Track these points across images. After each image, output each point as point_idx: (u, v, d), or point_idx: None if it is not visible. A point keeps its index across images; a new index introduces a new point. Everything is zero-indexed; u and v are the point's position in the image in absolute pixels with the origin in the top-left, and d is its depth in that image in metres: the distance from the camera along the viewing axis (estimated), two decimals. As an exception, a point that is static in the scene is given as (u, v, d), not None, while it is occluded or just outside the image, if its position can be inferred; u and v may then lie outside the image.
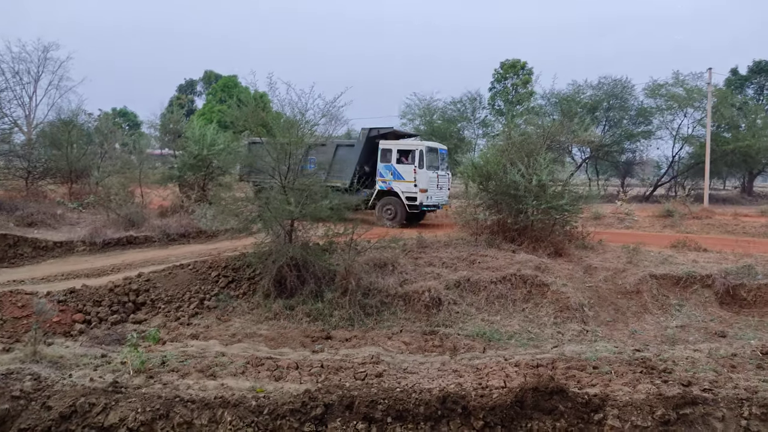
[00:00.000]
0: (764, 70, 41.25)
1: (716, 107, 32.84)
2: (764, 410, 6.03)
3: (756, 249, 13.34)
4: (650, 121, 36.48)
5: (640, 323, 8.93)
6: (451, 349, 7.57)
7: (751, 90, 42.33)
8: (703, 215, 21.81)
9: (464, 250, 11.04)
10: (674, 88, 34.80)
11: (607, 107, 35.90)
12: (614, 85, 35.83)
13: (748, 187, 42.79)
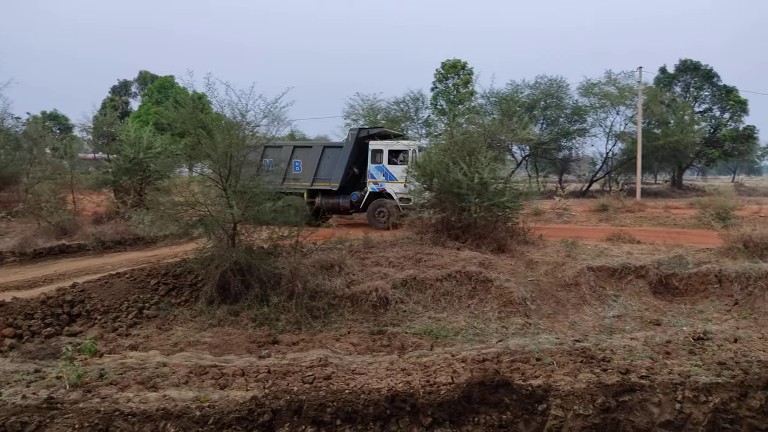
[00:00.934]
0: (690, 68, 43.61)
1: (647, 105, 34.49)
2: (696, 393, 6.38)
3: (686, 240, 14.10)
4: (585, 119, 38.00)
5: (579, 314, 9.26)
6: (400, 348, 7.62)
7: (679, 87, 44.67)
8: (636, 208, 22.84)
9: (410, 249, 11.14)
10: (607, 87, 36.35)
11: (545, 106, 37.10)
12: (550, 85, 37.09)
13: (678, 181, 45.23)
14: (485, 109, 34.96)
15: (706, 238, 13.95)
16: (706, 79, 43.25)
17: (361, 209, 17.94)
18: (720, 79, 42.95)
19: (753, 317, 8.83)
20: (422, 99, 37.58)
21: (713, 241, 12.75)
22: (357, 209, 18.38)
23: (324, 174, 17.61)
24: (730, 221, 15.18)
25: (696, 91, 44.05)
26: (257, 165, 10.49)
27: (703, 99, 44.12)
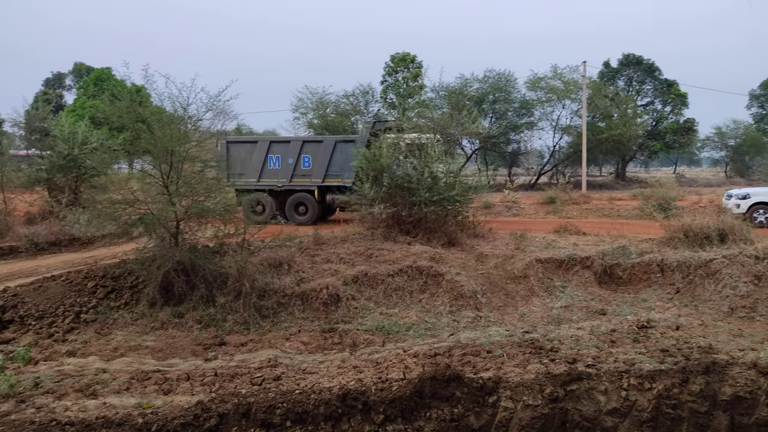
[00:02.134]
0: (632, 62, 45.30)
1: (591, 99, 35.66)
2: (640, 380, 6.64)
3: (629, 230, 14.65)
4: (532, 112, 38.94)
5: (528, 306, 9.48)
6: (351, 345, 7.60)
7: (622, 81, 46.34)
8: (581, 201, 23.60)
9: (361, 245, 11.13)
10: (553, 81, 37.34)
11: (493, 100, 37.76)
12: (499, 78, 37.75)
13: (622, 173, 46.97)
14: (435, 102, 35.28)
15: (648, 229, 14.54)
16: (648, 73, 45.04)
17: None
18: (661, 73, 44.87)
19: (693, 305, 9.25)
20: (372, 92, 37.58)
21: (655, 231, 13.30)
22: None
23: (336, 170, 17.29)
24: (672, 212, 15.89)
25: (638, 85, 45.83)
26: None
27: (645, 93, 45.99)
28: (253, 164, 17.57)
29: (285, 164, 17.37)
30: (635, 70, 45.28)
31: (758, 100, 54.61)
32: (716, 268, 9.59)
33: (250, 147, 17.93)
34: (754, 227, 13.68)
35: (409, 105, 34.14)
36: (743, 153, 50.74)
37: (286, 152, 17.40)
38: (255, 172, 17.55)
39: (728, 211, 15.18)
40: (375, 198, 12.02)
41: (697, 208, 18.13)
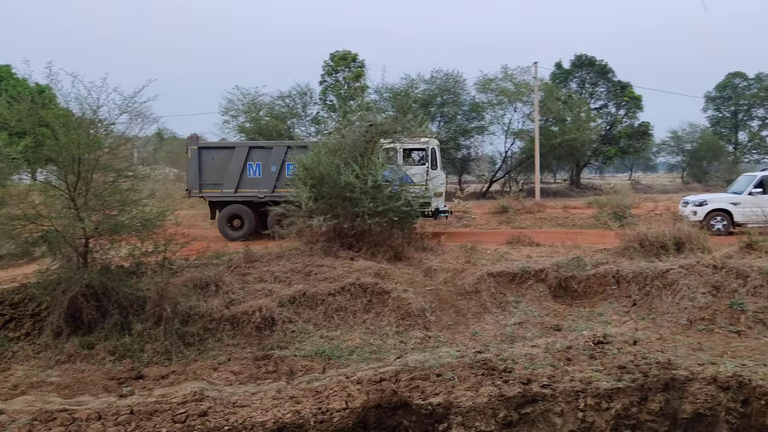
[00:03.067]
0: (585, 64, 47.08)
1: (543, 101, 36.77)
2: (597, 400, 6.84)
3: (584, 240, 15.14)
4: (483, 116, 39.78)
5: (480, 324, 9.62)
6: (288, 374, 7.51)
7: (575, 83, 48.06)
8: (535, 209, 24.24)
9: (299, 261, 11.03)
10: (504, 83, 38.32)
11: (441, 102, 38.39)
12: (447, 80, 38.43)
13: (576, 180, 48.60)
14: (379, 105, 35.54)
15: (603, 238, 15.07)
16: (600, 75, 46.90)
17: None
18: (615, 75, 46.80)
19: (651, 317, 9.62)
20: (310, 94, 37.48)
21: (610, 240, 13.79)
22: None
23: None
24: (627, 220, 16.54)
25: (591, 87, 47.65)
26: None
27: (598, 95, 47.83)
28: (230, 173, 17.16)
29: (267, 172, 17.04)
30: (588, 72, 47.07)
31: (714, 103, 57.72)
32: (673, 278, 10.02)
33: (226, 154, 17.46)
34: (711, 235, 14.39)
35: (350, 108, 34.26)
36: (700, 158, 53.39)
37: (269, 159, 17.07)
38: (232, 182, 17.14)
39: (685, 219, 15.96)
40: (314, 209, 11.95)
41: (653, 215, 18.95)
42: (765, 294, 9.41)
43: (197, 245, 10.00)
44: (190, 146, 17.46)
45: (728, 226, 16.62)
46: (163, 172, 21.81)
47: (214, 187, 17.38)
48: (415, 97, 35.49)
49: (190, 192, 17.42)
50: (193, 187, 17.32)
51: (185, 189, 17.66)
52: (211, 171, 17.28)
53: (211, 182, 17.36)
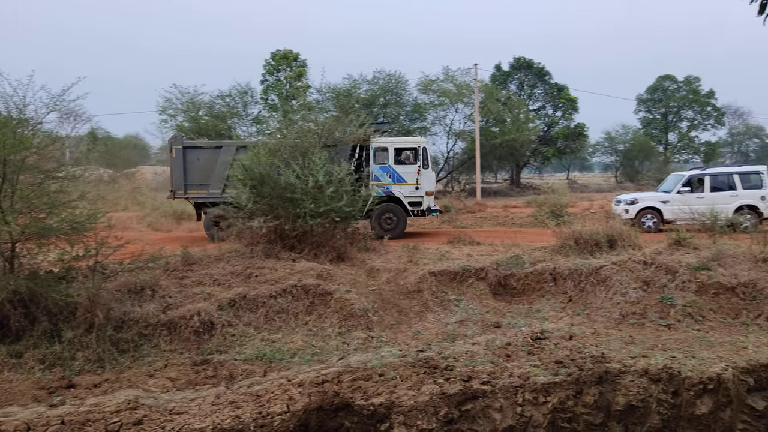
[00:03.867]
0: (523, 66, 48.31)
1: (484, 102, 37.48)
2: (535, 395, 7.02)
3: (523, 239, 15.51)
4: (425, 116, 40.20)
5: (422, 323, 9.71)
6: (228, 378, 7.38)
7: (514, 85, 49.26)
8: (476, 209, 24.70)
9: (239, 264, 10.84)
10: (445, 84, 38.83)
11: (384, 103, 38.54)
12: (389, 80, 38.61)
13: (516, 179, 49.75)
14: (322, 105, 35.40)
15: (541, 237, 15.47)
16: (538, 77, 48.24)
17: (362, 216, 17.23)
18: (551, 77, 48.22)
19: (586, 313, 9.94)
20: (251, 93, 36.96)
21: (548, 239, 14.16)
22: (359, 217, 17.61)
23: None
24: (563, 219, 17.03)
25: (530, 89, 48.96)
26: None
27: (536, 97, 49.24)
28: (217, 173, 16.65)
29: None
30: (526, 74, 48.31)
31: (645, 105, 60.20)
32: (606, 274, 10.39)
33: (213, 153, 16.95)
34: (642, 232, 15.00)
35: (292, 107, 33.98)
36: (632, 158, 55.67)
37: None
38: (219, 182, 16.60)
39: (617, 217, 16.57)
40: (254, 210, 11.78)
41: (588, 214, 19.58)
42: (692, 288, 9.86)
43: (132, 248, 9.69)
44: (174, 146, 17.00)
45: (658, 223, 17.34)
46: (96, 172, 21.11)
47: (199, 188, 16.94)
48: (357, 98, 35.52)
49: (175, 193, 16.89)
50: (178, 188, 16.83)
51: (169, 190, 17.10)
52: (197, 171, 16.85)
53: (196, 183, 16.91)
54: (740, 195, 17.04)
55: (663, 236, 12.65)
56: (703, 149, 58.49)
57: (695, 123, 59.10)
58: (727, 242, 11.87)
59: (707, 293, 9.78)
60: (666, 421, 7.29)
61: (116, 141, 46.87)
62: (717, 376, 7.37)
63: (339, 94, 35.46)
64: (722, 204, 15.97)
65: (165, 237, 15.38)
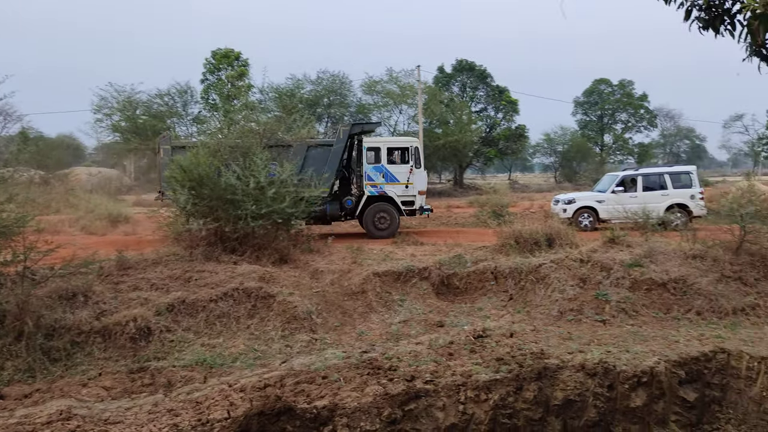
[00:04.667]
0: (466, 68, 49.03)
1: (427, 104, 37.85)
2: (477, 392, 7.13)
3: (465, 239, 15.72)
4: (369, 117, 40.28)
5: (366, 323, 9.72)
6: (166, 385, 7.21)
7: (456, 87, 49.94)
8: (421, 209, 24.78)
9: (177, 267, 10.57)
10: (389, 85, 39.04)
11: (328, 103, 38.45)
12: (333, 80, 38.56)
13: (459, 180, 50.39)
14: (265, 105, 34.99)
15: (483, 236, 15.72)
16: (480, 80, 49.06)
17: (355, 216, 17.40)
18: (493, 80, 49.14)
19: (526, 310, 10.18)
20: (191, 92, 36.22)
21: (489, 238, 14.41)
22: (350, 216, 17.62)
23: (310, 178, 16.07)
24: (504, 218, 17.33)
25: (472, 91, 49.73)
26: None
27: (478, 99, 50.05)
28: None
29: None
30: (468, 76, 49.06)
31: (582, 107, 62.15)
32: (545, 272, 10.66)
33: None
34: (579, 231, 15.46)
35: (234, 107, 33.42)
36: (570, 159, 57.33)
37: None
38: None
39: (556, 216, 17.00)
40: (193, 212, 11.52)
41: (529, 213, 20.02)
42: (626, 285, 10.24)
43: (63, 252, 9.31)
44: (162, 145, 16.43)
45: (594, 222, 17.89)
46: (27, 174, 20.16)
47: None
48: (300, 98, 35.30)
49: (164, 194, 16.15)
50: (166, 189, 16.07)
51: (158, 191, 16.36)
52: None
53: None
54: (671, 194, 17.78)
55: (598, 235, 13.07)
56: (636, 150, 60.88)
57: (629, 125, 61.46)
58: (658, 240, 12.37)
59: (640, 289, 10.17)
60: (602, 414, 7.53)
61: (48, 141, 44.97)
62: (650, 370, 7.68)
63: (282, 94, 35.15)
64: (654, 203, 16.62)
65: (99, 241, 14.78)
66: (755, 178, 37.01)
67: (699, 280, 10.20)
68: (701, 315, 9.67)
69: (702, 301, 9.85)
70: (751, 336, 8.79)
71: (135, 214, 19.99)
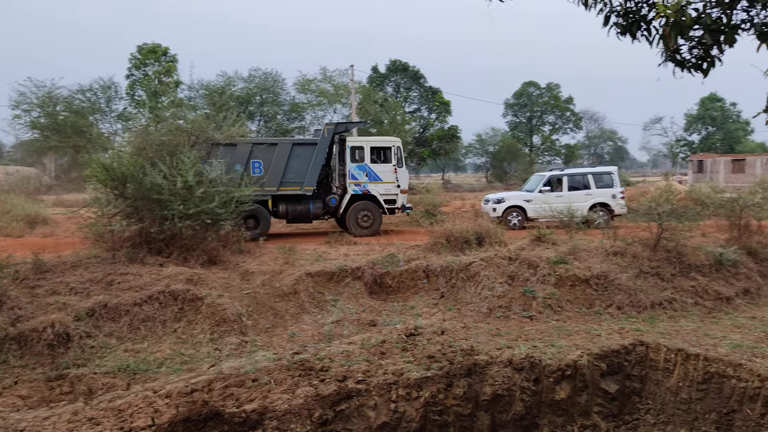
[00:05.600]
0: (399, 69, 49.43)
1: (361, 104, 37.90)
2: (408, 390, 7.19)
3: (398, 238, 15.87)
4: (303, 116, 39.98)
5: (298, 324, 9.64)
6: (86, 393, 6.94)
7: (390, 87, 50.25)
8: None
9: (99, 270, 10.14)
10: (323, 84, 38.82)
11: (261, 101, 37.85)
12: (265, 78, 37.98)
13: (393, 180, 50.65)
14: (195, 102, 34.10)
15: (415, 236, 15.90)
16: (414, 80, 49.58)
17: (339, 215, 17.38)
18: (426, 81, 49.78)
19: (456, 308, 10.34)
20: (115, 88, 34.89)
21: (422, 237, 14.58)
22: (333, 215, 17.61)
23: (293, 177, 16.53)
24: (437, 218, 17.57)
25: (406, 92, 50.18)
26: None
27: (412, 99, 50.56)
28: None
29: (230, 171, 15.49)
30: (402, 77, 49.49)
31: (512, 109, 63.93)
32: (475, 270, 10.86)
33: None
34: (508, 230, 15.87)
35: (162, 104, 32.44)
36: (501, 159, 58.85)
37: (233, 157, 16.00)
38: None
39: (486, 215, 17.39)
40: (116, 213, 11.10)
41: (460, 213, 20.35)
42: (552, 281, 10.57)
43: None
44: None
45: (522, 221, 18.36)
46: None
47: None
48: (232, 95, 34.61)
49: None
50: None
51: None
52: None
53: None
54: (594, 194, 18.47)
55: (526, 233, 13.46)
56: (563, 151, 63.12)
57: (556, 127, 63.70)
58: (582, 238, 12.86)
59: (565, 285, 10.53)
60: (529, 407, 7.76)
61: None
62: (574, 363, 7.96)
63: (213, 91, 34.34)
64: (578, 202, 17.24)
65: (16, 243, 14.00)
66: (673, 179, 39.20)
67: (619, 276, 10.65)
68: (621, 309, 10.10)
69: (622, 296, 10.29)
70: (668, 329, 9.26)
71: (54, 215, 19.09)
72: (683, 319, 9.82)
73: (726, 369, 7.66)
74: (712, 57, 4.45)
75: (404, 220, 20.79)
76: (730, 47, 4.35)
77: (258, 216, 16.34)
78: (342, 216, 17.53)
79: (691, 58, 4.58)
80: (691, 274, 11.00)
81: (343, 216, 17.48)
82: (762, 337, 8.76)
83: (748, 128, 66.26)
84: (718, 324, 9.59)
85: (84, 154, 15.01)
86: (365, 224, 17.21)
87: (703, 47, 4.42)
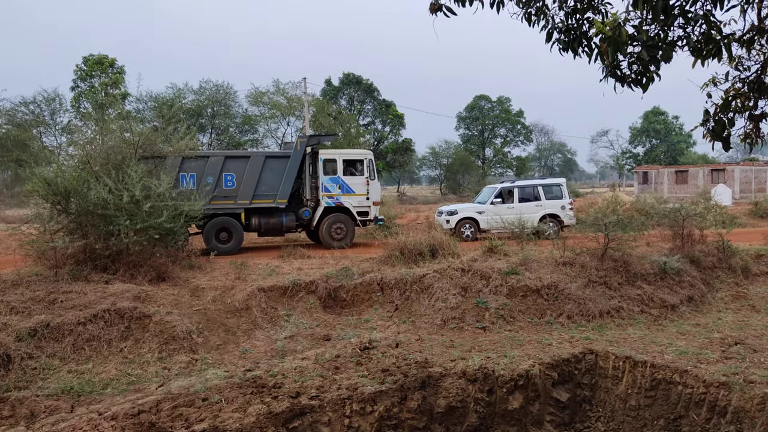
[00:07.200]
0: (353, 82, 49.63)
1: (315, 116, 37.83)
2: (362, 405, 7.15)
3: (353, 251, 15.82)
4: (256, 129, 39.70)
5: (251, 341, 9.48)
6: (28, 417, 6.66)
7: (344, 100, 50.38)
8: (309, 222, 24.61)
9: (40, 289, 9.77)
10: (276, 97, 38.67)
11: (212, 114, 37.43)
12: (217, 91, 37.61)
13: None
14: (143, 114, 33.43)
15: (369, 248, 15.89)
16: (367, 93, 49.85)
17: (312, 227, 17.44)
18: (380, 94, 50.12)
19: (411, 320, 10.36)
20: (60, 100, 33.92)
21: (375, 250, 14.59)
22: (306, 228, 17.43)
23: (266, 189, 16.38)
24: (391, 230, 17.63)
25: (360, 105, 50.40)
26: None
27: (366, 112, 50.83)
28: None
29: (202, 184, 15.53)
30: (356, 90, 49.70)
31: (465, 122, 64.91)
32: (429, 282, 10.93)
33: (156, 165, 14.74)
34: (461, 241, 16.03)
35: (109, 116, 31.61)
36: (455, 171, 59.56)
37: (204, 170, 16.00)
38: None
39: (439, 227, 17.52)
40: (59, 229, 10.72)
41: (415, 225, 20.47)
42: (504, 292, 10.72)
43: None
44: None
45: (475, 232, 18.57)
46: None
47: None
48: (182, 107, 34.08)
49: None
50: None
51: None
52: None
53: None
54: (544, 205, 18.84)
55: (479, 244, 13.60)
56: (515, 163, 64.33)
57: (508, 139, 64.98)
58: (533, 248, 13.08)
59: (516, 296, 10.69)
60: (482, 418, 7.82)
61: None
62: (526, 373, 8.07)
63: (161, 103, 33.76)
64: (529, 214, 17.56)
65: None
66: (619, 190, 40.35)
67: (569, 285, 10.87)
68: (572, 318, 10.31)
69: (572, 306, 10.50)
70: (616, 337, 9.49)
71: (-6, 232, 18.36)
72: (630, 327, 10.08)
73: (672, 375, 7.89)
74: (650, 72, 4.62)
75: (359, 232, 20.79)
76: (667, 63, 4.53)
77: (231, 229, 16.31)
78: (315, 228, 17.52)
79: (630, 73, 4.75)
80: (637, 282, 11.32)
81: (316, 228, 17.47)
82: (706, 343, 9.06)
83: (690, 140, 69.09)
84: (663, 331, 9.88)
85: (26, 169, 14.42)
86: (338, 236, 17.25)
87: (641, 63, 4.58)
